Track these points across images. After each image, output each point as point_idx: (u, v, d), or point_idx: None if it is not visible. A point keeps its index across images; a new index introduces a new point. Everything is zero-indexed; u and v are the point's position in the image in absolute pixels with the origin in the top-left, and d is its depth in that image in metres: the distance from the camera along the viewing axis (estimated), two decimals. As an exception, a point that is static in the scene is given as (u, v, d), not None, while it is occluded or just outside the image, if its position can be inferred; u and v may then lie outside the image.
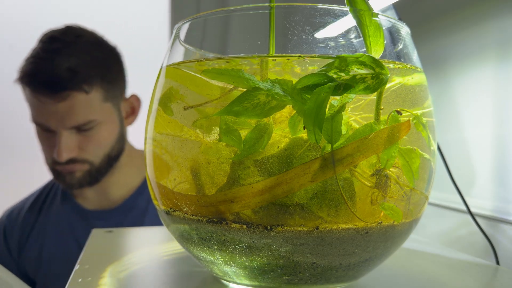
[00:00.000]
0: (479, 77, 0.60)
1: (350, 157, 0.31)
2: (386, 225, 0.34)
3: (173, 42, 0.40)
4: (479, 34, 0.60)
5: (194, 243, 0.36)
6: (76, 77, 0.83)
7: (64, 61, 0.83)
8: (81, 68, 0.84)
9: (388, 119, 0.34)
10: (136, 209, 0.94)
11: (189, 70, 0.37)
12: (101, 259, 0.47)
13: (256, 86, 0.30)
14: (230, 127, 0.33)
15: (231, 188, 0.32)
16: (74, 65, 0.84)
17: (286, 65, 0.34)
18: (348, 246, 0.33)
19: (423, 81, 0.39)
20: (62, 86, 0.82)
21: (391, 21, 0.37)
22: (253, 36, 0.36)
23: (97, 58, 0.89)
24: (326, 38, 0.35)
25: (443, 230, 0.66)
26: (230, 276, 0.36)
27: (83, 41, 0.89)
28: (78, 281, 0.40)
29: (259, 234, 0.32)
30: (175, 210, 0.36)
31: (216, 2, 1.11)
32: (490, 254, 0.55)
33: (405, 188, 0.35)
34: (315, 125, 0.30)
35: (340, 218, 0.32)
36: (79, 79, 0.83)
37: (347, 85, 0.30)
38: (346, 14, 0.35)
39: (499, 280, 0.45)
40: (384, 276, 0.43)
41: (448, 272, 0.45)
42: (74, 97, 0.83)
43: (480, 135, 0.60)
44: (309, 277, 0.34)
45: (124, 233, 0.60)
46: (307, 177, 0.31)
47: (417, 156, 0.35)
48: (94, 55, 0.88)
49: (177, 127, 0.36)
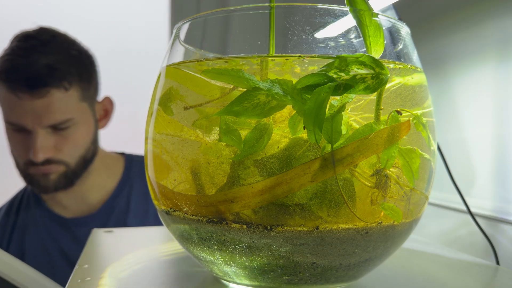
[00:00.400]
0: (479, 77, 0.60)
1: (350, 157, 0.31)
2: (386, 225, 0.34)
3: (173, 42, 0.40)
4: (479, 34, 0.60)
5: (194, 243, 0.36)
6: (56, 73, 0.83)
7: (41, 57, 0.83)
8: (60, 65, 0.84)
9: (388, 119, 0.34)
10: (117, 210, 0.94)
11: (189, 70, 0.37)
12: (101, 259, 0.47)
13: (256, 86, 0.30)
14: (230, 127, 0.33)
15: (231, 188, 0.32)
16: (53, 62, 0.83)
17: (286, 65, 0.34)
18: (348, 246, 0.33)
19: (423, 81, 0.39)
20: (42, 82, 0.81)
21: (391, 21, 0.37)
22: (253, 36, 0.36)
23: (74, 56, 0.88)
24: (326, 38, 0.35)
25: (443, 230, 0.66)
26: (230, 276, 0.36)
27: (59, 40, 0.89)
28: (77, 281, 0.40)
29: (259, 234, 0.32)
30: (175, 210, 0.36)
31: (216, 2, 1.11)
32: (490, 254, 0.55)
33: (405, 188, 0.35)
34: (315, 125, 0.30)
35: (340, 218, 0.32)
36: (60, 76, 0.83)
37: (347, 85, 0.30)
38: (346, 14, 0.35)
39: (499, 280, 0.45)
40: (384, 276, 0.43)
41: (448, 272, 0.45)
42: (53, 94, 0.83)
43: (480, 135, 0.60)
44: (309, 277, 0.34)
45: (124, 233, 0.60)
46: (307, 177, 0.31)
47: (417, 156, 0.35)
48: (71, 53, 0.88)
49: (177, 127, 0.36)
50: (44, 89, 0.82)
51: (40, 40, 0.86)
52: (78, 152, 0.88)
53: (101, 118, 0.97)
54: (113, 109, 1.00)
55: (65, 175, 0.88)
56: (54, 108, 0.83)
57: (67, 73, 0.84)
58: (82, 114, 0.88)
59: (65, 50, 0.88)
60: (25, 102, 0.82)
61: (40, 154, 0.83)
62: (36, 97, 0.82)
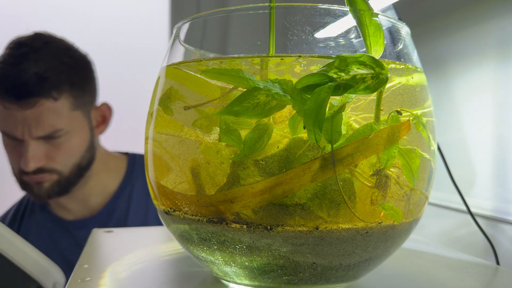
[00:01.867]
0: (479, 77, 0.60)
1: (350, 157, 0.31)
2: (386, 225, 0.34)
3: (173, 42, 0.40)
4: (479, 34, 0.60)
5: (194, 243, 0.36)
6: (45, 83, 0.81)
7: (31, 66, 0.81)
8: (50, 74, 0.82)
9: (388, 119, 0.34)
10: (117, 212, 0.93)
11: (189, 70, 0.37)
12: (101, 259, 0.47)
13: (256, 86, 0.30)
14: (230, 127, 0.33)
15: (231, 188, 0.32)
16: (43, 71, 0.81)
17: (285, 65, 0.34)
18: (348, 246, 0.33)
19: (423, 81, 0.39)
20: (29, 92, 0.80)
21: (391, 21, 0.37)
22: (253, 36, 0.36)
23: (66, 64, 0.86)
24: (326, 38, 0.35)
25: (443, 230, 0.66)
26: (230, 276, 0.36)
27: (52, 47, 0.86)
28: (78, 281, 0.40)
29: (259, 234, 0.32)
30: (175, 210, 0.36)
31: (216, 2, 1.11)
32: (490, 254, 0.55)
33: (405, 188, 0.35)
34: (315, 125, 0.29)
35: (340, 218, 0.32)
36: (48, 85, 0.81)
37: (347, 85, 0.30)
38: (346, 14, 0.35)
39: (499, 280, 0.45)
40: (384, 276, 0.43)
41: (448, 272, 0.45)
42: (42, 104, 0.81)
43: (480, 135, 0.60)
44: (309, 277, 0.34)
45: (124, 233, 0.60)
46: (307, 177, 0.31)
47: (417, 156, 0.35)
48: (63, 61, 0.86)
49: (177, 127, 0.36)
50: (33, 99, 0.80)
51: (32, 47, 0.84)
52: (71, 161, 0.87)
53: (98, 124, 0.95)
54: (111, 115, 0.98)
55: (58, 183, 0.87)
56: (43, 119, 0.81)
57: (57, 81, 0.82)
58: (74, 123, 0.86)
59: (57, 58, 0.85)
60: (14, 112, 0.81)
61: (31, 164, 0.82)
62: (25, 107, 0.80)
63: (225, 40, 0.38)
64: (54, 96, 0.82)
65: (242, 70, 0.31)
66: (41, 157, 0.83)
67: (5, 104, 0.81)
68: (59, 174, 0.86)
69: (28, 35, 0.88)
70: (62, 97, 0.83)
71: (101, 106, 0.96)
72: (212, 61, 0.36)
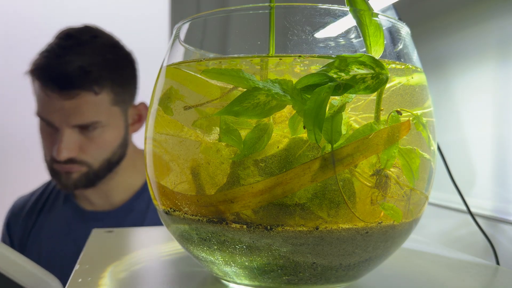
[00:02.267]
0: (479, 77, 0.60)
1: (350, 157, 0.31)
2: (386, 225, 0.34)
3: (173, 42, 0.40)
4: (479, 34, 0.60)
5: (194, 243, 0.36)
6: (87, 76, 0.83)
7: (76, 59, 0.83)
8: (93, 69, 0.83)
9: (388, 119, 0.34)
10: (135, 212, 0.94)
11: (189, 70, 0.37)
12: (101, 259, 0.47)
13: (256, 86, 0.30)
14: (230, 127, 0.33)
15: (231, 188, 0.32)
16: (86, 64, 0.83)
17: (285, 65, 0.34)
18: (348, 246, 0.33)
19: (423, 81, 0.39)
20: (72, 83, 0.82)
21: (391, 21, 0.37)
22: (253, 36, 0.36)
23: (110, 60, 0.88)
24: (326, 38, 0.35)
25: (443, 230, 0.66)
26: (230, 276, 0.36)
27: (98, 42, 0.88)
28: (78, 281, 0.40)
29: (259, 234, 0.32)
30: (175, 210, 0.36)
31: (216, 2, 1.11)
32: (490, 254, 0.55)
33: (405, 188, 0.35)
34: (315, 125, 0.30)
35: (340, 218, 0.32)
36: (90, 79, 0.83)
37: (347, 85, 0.30)
38: (346, 14, 0.35)
39: (499, 280, 0.45)
40: (384, 276, 0.43)
41: (448, 272, 0.45)
42: (83, 96, 0.83)
43: (480, 135, 0.60)
44: (309, 277, 0.34)
45: (124, 233, 0.60)
46: (307, 177, 0.31)
47: (417, 156, 0.35)
48: (107, 57, 0.87)
49: (177, 127, 0.36)
50: (74, 91, 0.82)
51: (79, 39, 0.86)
52: (103, 155, 0.88)
53: (134, 122, 0.96)
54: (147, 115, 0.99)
55: (86, 176, 0.88)
56: (82, 110, 0.83)
57: (99, 77, 0.84)
58: (112, 118, 0.87)
59: (102, 53, 0.87)
60: (54, 100, 0.83)
61: (64, 153, 0.83)
62: (66, 97, 0.82)
63: (225, 40, 0.38)
64: (95, 90, 0.84)
65: (242, 70, 0.31)
66: (74, 147, 0.85)
67: (47, 91, 0.83)
68: (88, 166, 0.88)
69: (77, 27, 0.89)
70: (103, 92, 0.85)
71: (139, 105, 0.97)
72: (212, 61, 0.36)
